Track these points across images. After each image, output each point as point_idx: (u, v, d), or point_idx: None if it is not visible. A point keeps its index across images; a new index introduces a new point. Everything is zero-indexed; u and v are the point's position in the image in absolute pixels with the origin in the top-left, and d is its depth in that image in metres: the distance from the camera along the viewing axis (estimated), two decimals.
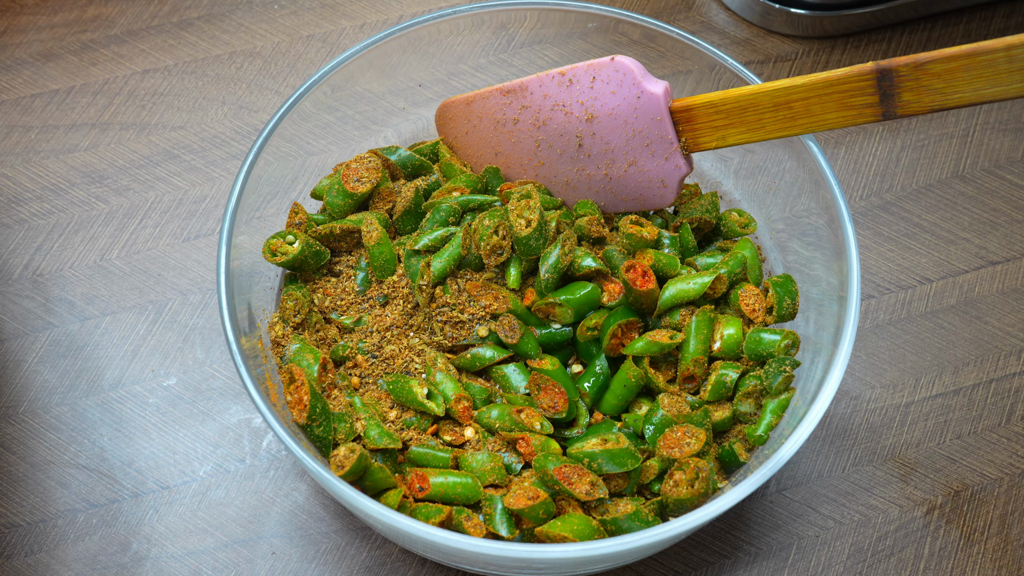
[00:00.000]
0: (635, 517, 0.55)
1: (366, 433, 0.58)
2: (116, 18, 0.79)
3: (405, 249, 0.61)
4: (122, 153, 0.74)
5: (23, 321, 0.69)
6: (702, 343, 0.60)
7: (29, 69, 0.77)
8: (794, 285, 0.62)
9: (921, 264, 0.72)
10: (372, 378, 0.60)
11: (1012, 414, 0.68)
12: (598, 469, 0.56)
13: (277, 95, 0.77)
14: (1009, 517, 0.65)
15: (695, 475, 0.56)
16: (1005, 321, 0.70)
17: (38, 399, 0.67)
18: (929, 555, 0.64)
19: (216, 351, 0.68)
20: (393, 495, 0.56)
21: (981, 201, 0.74)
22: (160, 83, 0.77)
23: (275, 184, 0.63)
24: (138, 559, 0.63)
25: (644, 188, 0.62)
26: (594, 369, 0.60)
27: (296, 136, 0.63)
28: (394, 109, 0.68)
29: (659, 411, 0.58)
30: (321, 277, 0.63)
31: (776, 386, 0.59)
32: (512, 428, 0.58)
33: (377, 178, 0.63)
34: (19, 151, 0.74)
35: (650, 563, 0.63)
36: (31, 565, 0.63)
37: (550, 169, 0.64)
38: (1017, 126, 0.77)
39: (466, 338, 0.60)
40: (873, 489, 0.66)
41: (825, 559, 0.64)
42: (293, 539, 0.64)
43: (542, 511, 0.55)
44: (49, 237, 0.72)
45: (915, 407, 0.68)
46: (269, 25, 0.79)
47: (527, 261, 0.60)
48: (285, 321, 0.61)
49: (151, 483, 0.65)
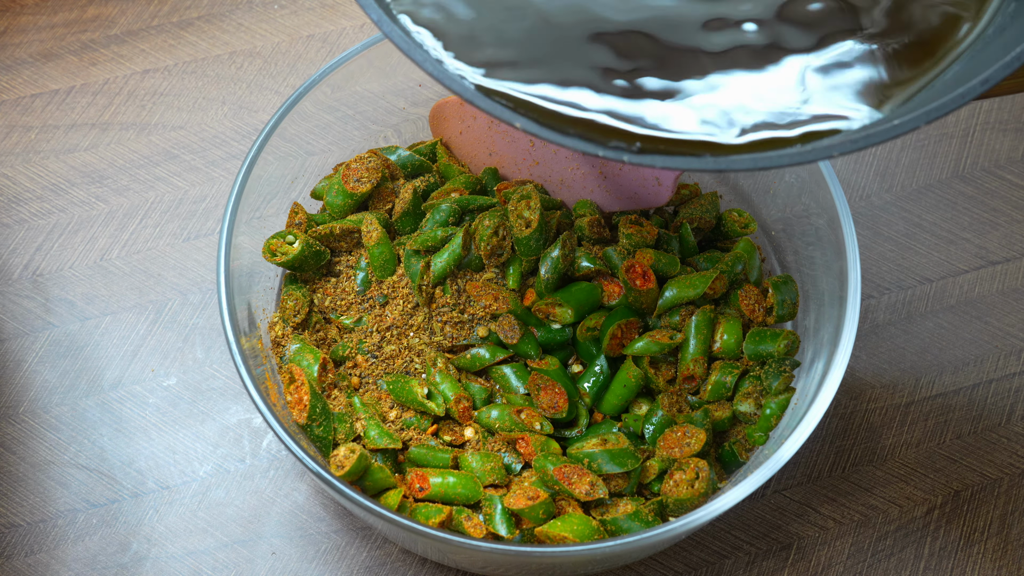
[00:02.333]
0: (635, 517, 0.55)
1: (366, 433, 0.58)
2: (116, 18, 0.79)
3: (405, 249, 0.61)
4: (122, 153, 0.74)
5: (23, 321, 0.69)
6: (702, 343, 0.60)
7: (29, 69, 0.77)
8: (794, 285, 0.62)
9: (921, 264, 0.72)
10: (372, 378, 0.60)
11: (1012, 414, 0.68)
12: (598, 469, 0.56)
13: (277, 95, 0.77)
14: (1009, 517, 0.65)
15: (695, 475, 0.56)
16: (1005, 321, 0.70)
17: (38, 399, 0.67)
18: (929, 555, 0.64)
19: (216, 351, 0.68)
20: (393, 495, 0.56)
21: (981, 201, 0.74)
22: (160, 83, 0.77)
23: (275, 184, 0.63)
24: (138, 559, 0.63)
25: (639, 186, 0.62)
26: (594, 369, 0.60)
27: (296, 136, 0.63)
28: (394, 109, 0.68)
29: (659, 411, 0.58)
30: (321, 277, 0.63)
31: (776, 386, 0.59)
32: (512, 428, 0.58)
33: (377, 178, 0.63)
34: (19, 151, 0.74)
35: (650, 563, 0.63)
36: (31, 565, 0.63)
37: (545, 168, 0.64)
38: (1017, 126, 0.77)
39: (466, 338, 0.60)
40: (873, 489, 0.66)
41: (825, 559, 0.64)
42: (293, 539, 0.64)
43: (542, 511, 0.55)
44: (49, 237, 0.72)
45: (915, 407, 0.68)
46: (269, 25, 0.79)
47: (527, 261, 0.60)
48: (285, 321, 0.61)
49: (151, 483, 0.65)
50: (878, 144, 0.41)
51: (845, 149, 0.41)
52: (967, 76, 0.41)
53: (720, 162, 0.41)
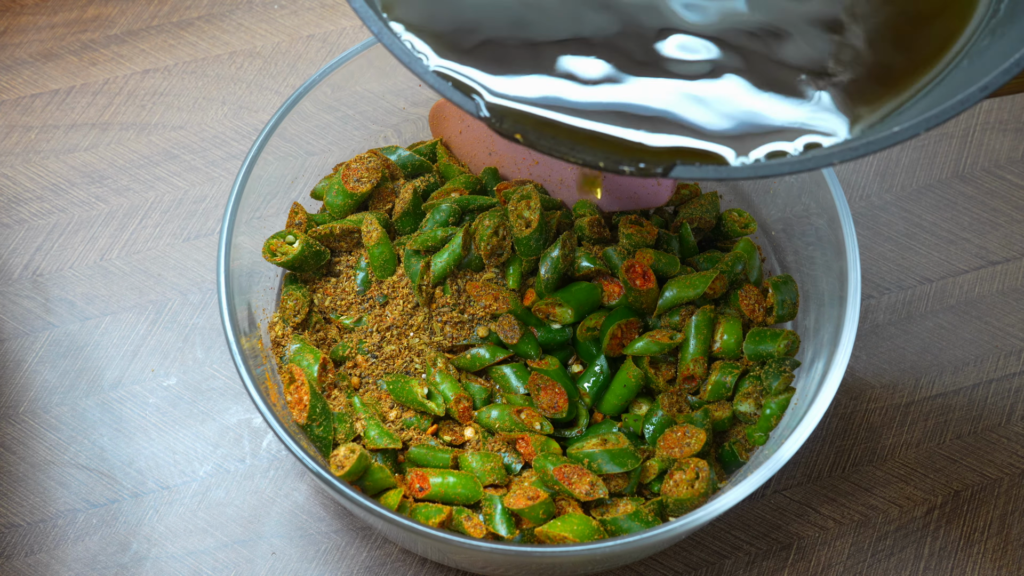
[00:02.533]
0: (635, 517, 0.55)
1: (366, 433, 0.58)
2: (116, 18, 0.79)
3: (405, 249, 0.61)
4: (122, 153, 0.74)
5: (23, 321, 0.69)
6: (702, 343, 0.60)
7: (29, 69, 0.77)
8: (794, 285, 0.62)
9: (921, 264, 0.72)
10: (372, 378, 0.60)
11: (1012, 414, 0.68)
12: (598, 469, 0.56)
13: (277, 95, 0.77)
14: (1009, 517, 0.65)
15: (695, 475, 0.56)
16: (1005, 321, 0.70)
17: (38, 399, 0.67)
18: (929, 555, 0.64)
19: (216, 351, 0.68)
20: (393, 495, 0.56)
21: (981, 201, 0.74)
22: (160, 83, 0.77)
23: (275, 184, 0.63)
24: (138, 559, 0.63)
25: (638, 186, 0.62)
26: (594, 369, 0.60)
27: (296, 136, 0.63)
28: (394, 109, 0.68)
29: (659, 411, 0.58)
30: (321, 277, 0.63)
31: (776, 386, 0.59)
32: (512, 428, 0.58)
33: (377, 178, 0.63)
34: (19, 151, 0.74)
35: (650, 563, 0.63)
36: (31, 565, 0.63)
37: (544, 168, 0.64)
38: (1017, 126, 0.77)
39: (466, 338, 0.60)
40: (873, 489, 0.66)
41: (825, 559, 0.64)
42: (293, 539, 0.64)
43: (542, 511, 0.55)
44: (49, 237, 0.72)
45: (915, 407, 0.68)
46: (269, 25, 0.79)
47: (527, 261, 0.60)
48: (285, 321, 0.61)
49: (151, 483, 0.65)
50: (878, 151, 0.41)
51: (845, 157, 0.41)
52: (967, 82, 0.41)
53: (721, 171, 0.41)
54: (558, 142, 0.42)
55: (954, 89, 0.42)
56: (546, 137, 0.42)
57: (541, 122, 0.43)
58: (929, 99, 0.43)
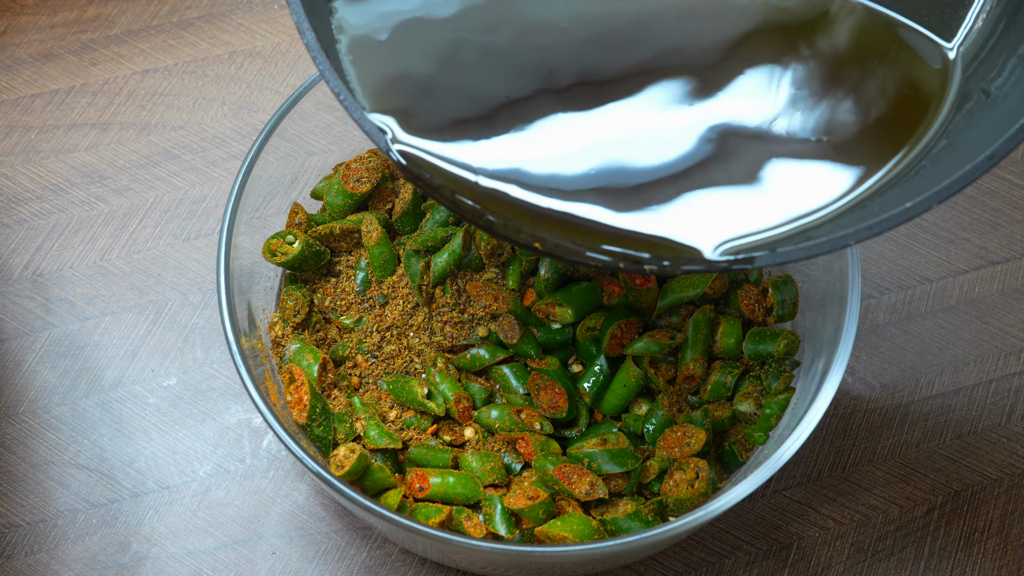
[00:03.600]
0: (635, 517, 0.55)
1: (366, 433, 0.58)
2: (116, 18, 0.79)
3: (405, 249, 0.61)
4: (122, 153, 0.74)
5: (23, 321, 0.69)
6: (702, 343, 0.60)
7: (29, 69, 0.77)
8: (794, 285, 0.62)
9: (921, 264, 0.72)
10: (372, 378, 0.60)
11: (1012, 414, 0.68)
12: (598, 469, 0.56)
13: (277, 95, 0.77)
14: (1009, 517, 0.65)
15: (695, 475, 0.56)
16: (1005, 321, 0.70)
17: (38, 399, 0.67)
18: (929, 555, 0.64)
19: (216, 351, 0.68)
20: (393, 495, 0.56)
21: (981, 201, 0.74)
22: (160, 83, 0.77)
23: (275, 184, 0.63)
24: (138, 559, 0.63)
25: None
26: (594, 369, 0.60)
27: (296, 136, 0.63)
28: None
29: (659, 411, 0.58)
30: (321, 277, 0.63)
31: (776, 386, 0.59)
32: (512, 428, 0.58)
33: (377, 178, 0.63)
34: (19, 151, 0.74)
35: (650, 563, 0.63)
36: (31, 565, 0.63)
37: None
38: None
39: (466, 338, 0.60)
40: (873, 489, 0.66)
41: (825, 559, 0.64)
42: (293, 539, 0.64)
43: (542, 511, 0.55)
44: (49, 237, 0.72)
45: (915, 407, 0.68)
46: (269, 25, 0.79)
47: (527, 261, 0.60)
48: (285, 321, 0.61)
49: (151, 483, 0.65)
50: (894, 228, 0.41)
51: (861, 236, 0.41)
52: (974, 151, 0.41)
53: (736, 262, 0.42)
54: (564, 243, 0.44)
55: (963, 159, 0.41)
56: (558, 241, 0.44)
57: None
58: (939, 170, 0.43)
